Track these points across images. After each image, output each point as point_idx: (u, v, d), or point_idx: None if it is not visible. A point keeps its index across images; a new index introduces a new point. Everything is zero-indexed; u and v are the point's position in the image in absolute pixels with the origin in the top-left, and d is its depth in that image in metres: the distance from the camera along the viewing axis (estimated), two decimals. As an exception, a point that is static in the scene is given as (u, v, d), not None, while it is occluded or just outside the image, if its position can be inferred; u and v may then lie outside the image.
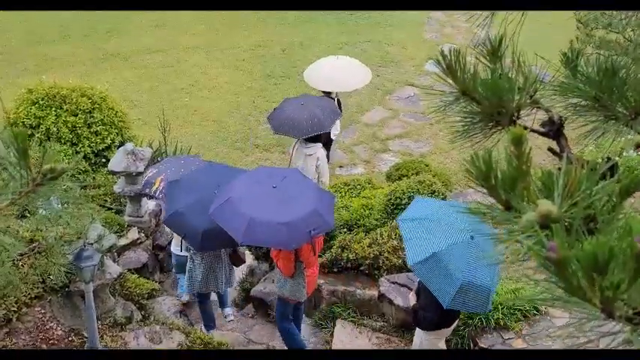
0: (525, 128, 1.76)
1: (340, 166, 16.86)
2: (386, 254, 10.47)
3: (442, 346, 9.02)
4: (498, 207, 1.75)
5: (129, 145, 11.47)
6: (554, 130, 2.30)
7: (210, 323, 10.69)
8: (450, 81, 2.26)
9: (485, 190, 1.84)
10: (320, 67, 16.26)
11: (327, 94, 15.51)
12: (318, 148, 13.67)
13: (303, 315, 10.45)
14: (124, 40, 23.37)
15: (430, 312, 8.32)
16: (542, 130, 2.34)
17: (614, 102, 2.23)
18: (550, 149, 2.27)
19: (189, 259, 10.05)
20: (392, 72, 20.48)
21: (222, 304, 11.14)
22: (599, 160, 1.87)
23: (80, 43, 22.92)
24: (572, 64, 2.40)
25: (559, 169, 1.69)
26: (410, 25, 24.95)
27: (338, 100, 15.85)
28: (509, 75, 2.28)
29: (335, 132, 15.16)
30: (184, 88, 20.26)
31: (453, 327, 8.80)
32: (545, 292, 1.53)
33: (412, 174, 13.26)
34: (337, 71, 15.80)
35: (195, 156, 12.43)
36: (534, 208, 1.56)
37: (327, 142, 14.86)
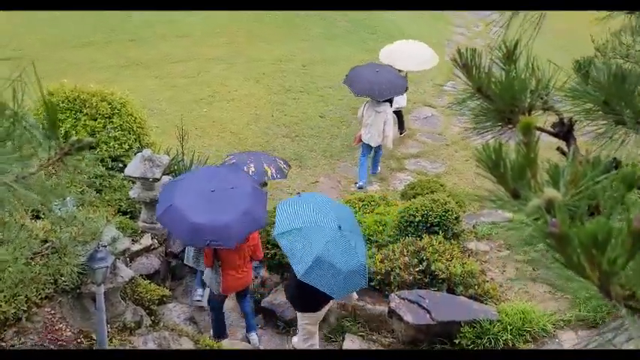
0: (536, 128, 1.82)
1: (355, 183, 16.88)
2: (397, 270, 10.48)
3: (314, 330, 9.96)
4: (506, 195, 1.80)
5: (147, 152, 11.52)
6: (564, 131, 2.36)
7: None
8: (465, 79, 2.33)
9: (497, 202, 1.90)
10: (394, 47, 18.95)
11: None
12: (387, 107, 16.10)
13: (252, 311, 11.06)
14: (146, 48, 23.52)
15: (291, 287, 9.70)
16: (552, 130, 2.39)
17: (623, 107, 2.28)
18: (559, 149, 2.31)
19: None
20: (411, 92, 20.46)
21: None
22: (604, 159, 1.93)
23: (102, 50, 23.08)
24: (583, 71, 2.46)
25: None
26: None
27: (406, 74, 18.20)
28: (523, 77, 2.34)
29: (402, 104, 18.07)
30: (204, 99, 20.35)
31: (322, 312, 9.72)
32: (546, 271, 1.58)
33: (426, 193, 13.27)
34: (403, 51, 18.58)
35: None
36: (540, 196, 1.62)
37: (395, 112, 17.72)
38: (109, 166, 12.61)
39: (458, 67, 2.42)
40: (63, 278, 8.43)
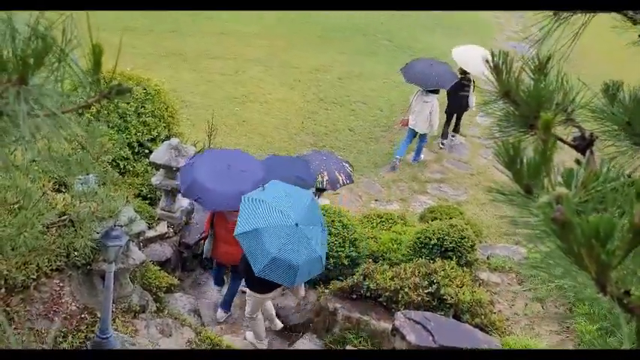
0: (557, 138, 1.87)
1: (376, 200, 16.89)
2: (406, 289, 10.45)
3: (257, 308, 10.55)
4: (520, 191, 1.84)
5: (174, 140, 11.61)
6: (583, 145, 2.40)
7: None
8: (495, 81, 2.37)
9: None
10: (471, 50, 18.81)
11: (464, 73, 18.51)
12: (434, 99, 17.77)
13: (233, 292, 11.53)
14: (187, 41, 23.69)
15: (243, 265, 10.00)
16: (572, 143, 2.43)
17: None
18: (577, 161, 2.35)
19: None
20: (443, 117, 20.45)
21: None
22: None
23: (143, 37, 23.24)
24: (611, 93, 2.50)
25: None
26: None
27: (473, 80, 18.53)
28: (551, 89, 2.39)
29: (471, 106, 18.92)
30: (237, 98, 20.47)
31: (269, 295, 10.42)
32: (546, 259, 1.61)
33: (445, 218, 13.23)
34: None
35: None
36: (551, 193, 1.66)
37: (460, 112, 19.47)
38: (136, 150, 12.71)
39: (489, 68, 2.48)
40: (75, 252, 8.51)
